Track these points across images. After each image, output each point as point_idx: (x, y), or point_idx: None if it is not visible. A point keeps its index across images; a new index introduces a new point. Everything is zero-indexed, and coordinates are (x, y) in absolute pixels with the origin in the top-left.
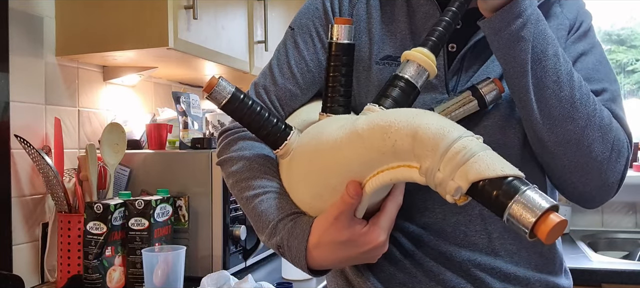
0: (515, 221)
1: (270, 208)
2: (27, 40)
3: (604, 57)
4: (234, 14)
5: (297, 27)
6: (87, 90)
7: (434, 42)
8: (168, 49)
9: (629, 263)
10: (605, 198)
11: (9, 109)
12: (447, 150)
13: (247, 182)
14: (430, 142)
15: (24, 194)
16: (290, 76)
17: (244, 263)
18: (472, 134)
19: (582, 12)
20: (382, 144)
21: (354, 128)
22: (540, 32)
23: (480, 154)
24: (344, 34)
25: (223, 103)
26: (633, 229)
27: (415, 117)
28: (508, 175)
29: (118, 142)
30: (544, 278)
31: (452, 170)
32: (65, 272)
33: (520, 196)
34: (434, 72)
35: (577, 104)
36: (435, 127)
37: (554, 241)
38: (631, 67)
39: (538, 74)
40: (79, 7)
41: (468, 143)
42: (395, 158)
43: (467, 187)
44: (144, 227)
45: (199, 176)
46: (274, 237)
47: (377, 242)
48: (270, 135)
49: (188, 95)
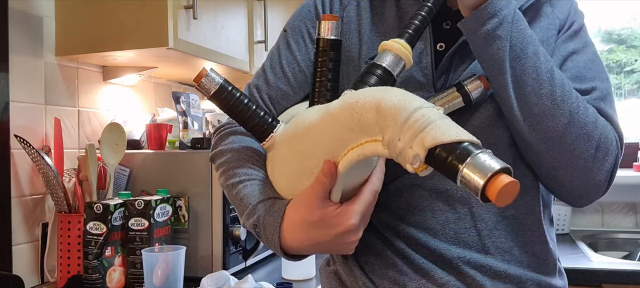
0: (467, 184)
1: (252, 193)
2: (26, 40)
3: (596, 56)
4: (233, 13)
5: (290, 30)
6: (86, 90)
7: (410, 34)
8: (168, 49)
9: (629, 264)
10: (593, 197)
11: (9, 109)
12: (407, 119)
13: (233, 170)
14: (392, 113)
15: (23, 194)
16: (282, 76)
17: (244, 263)
18: (433, 105)
19: (573, 12)
20: (350, 120)
21: (327, 109)
22: (519, 31)
23: (438, 122)
24: (331, 30)
25: (211, 93)
26: (633, 229)
27: (380, 92)
28: (462, 140)
29: (118, 142)
30: (536, 277)
31: (410, 138)
32: (65, 272)
33: (471, 159)
34: (410, 62)
35: (557, 101)
36: (397, 99)
37: (506, 203)
38: (631, 67)
39: (517, 71)
40: (78, 7)
41: (427, 112)
42: (363, 133)
43: (425, 154)
44: (143, 227)
45: (198, 176)
46: (251, 217)
47: (348, 224)
48: (257, 127)
49: (188, 95)
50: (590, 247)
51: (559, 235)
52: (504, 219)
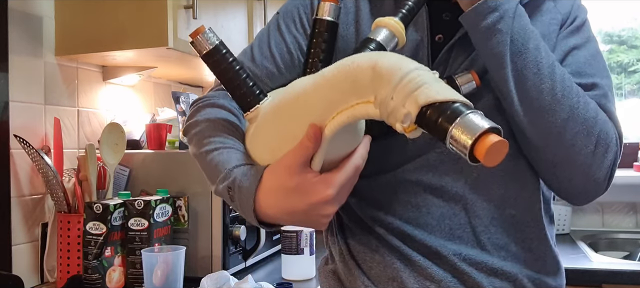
0: (455, 144)
1: (228, 159)
2: (26, 40)
3: (598, 51)
4: (233, 13)
5: (283, 13)
6: (86, 90)
7: (404, 14)
8: (168, 49)
9: (630, 264)
10: (593, 195)
11: (9, 109)
12: (402, 79)
13: (208, 138)
14: (387, 73)
15: (23, 194)
16: (269, 55)
17: (244, 263)
18: (429, 70)
19: (576, 7)
20: (344, 81)
21: (321, 73)
22: (521, 25)
23: (432, 83)
24: (330, 12)
25: (204, 52)
26: (633, 229)
27: (376, 54)
28: (455, 99)
29: (117, 142)
30: (532, 275)
31: (404, 97)
32: (64, 272)
33: (461, 119)
34: (402, 39)
35: (558, 96)
36: (394, 60)
37: (495, 163)
38: (632, 67)
39: (518, 66)
40: (78, 7)
41: (422, 73)
42: (355, 95)
43: (416, 112)
44: (143, 227)
45: (198, 176)
46: (225, 180)
47: (326, 194)
48: (244, 96)
49: (188, 95)
50: (590, 247)
51: (559, 235)
52: (501, 215)
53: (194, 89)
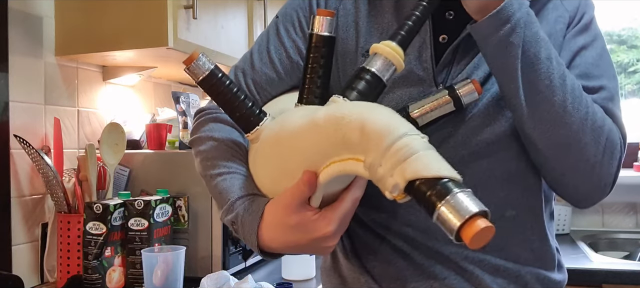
0: (443, 222)
1: (231, 187)
2: (26, 40)
3: (605, 50)
4: (233, 13)
5: (282, 16)
6: (86, 90)
7: (403, 36)
8: (168, 49)
9: (630, 264)
10: (598, 198)
11: (9, 109)
12: (390, 146)
13: (213, 160)
14: (376, 136)
15: (23, 194)
16: (268, 61)
17: (244, 263)
18: (419, 133)
19: (583, 4)
20: (334, 135)
21: (313, 117)
22: (533, 35)
23: (421, 153)
24: (325, 26)
25: (200, 78)
26: (633, 229)
27: (367, 111)
28: (444, 176)
29: (118, 142)
30: (534, 271)
31: (392, 166)
32: (64, 273)
33: (451, 197)
34: (400, 67)
35: (569, 108)
36: (383, 122)
37: (480, 246)
38: (633, 68)
39: (530, 78)
40: (78, 7)
41: (411, 141)
42: (346, 150)
43: (404, 185)
44: (143, 227)
45: (198, 176)
46: (230, 213)
47: (326, 231)
48: (243, 118)
49: (188, 95)
50: (590, 247)
51: (559, 235)
52: (501, 219)
53: (194, 89)
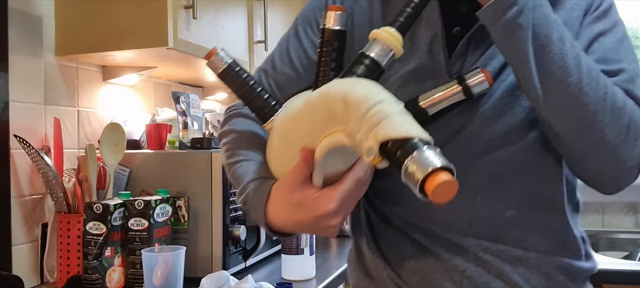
0: (409, 178)
1: (246, 172)
2: (26, 40)
3: (626, 36)
4: (233, 13)
5: (301, 18)
6: (86, 90)
7: (402, 22)
8: (168, 49)
9: (630, 264)
10: (624, 183)
11: (8, 109)
12: (366, 112)
13: (233, 151)
14: (355, 105)
15: (23, 194)
16: (288, 62)
17: (244, 263)
18: (396, 100)
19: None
20: (322, 110)
21: (307, 98)
22: (542, 17)
23: (393, 117)
24: (336, 21)
25: (219, 71)
26: (634, 229)
27: (350, 84)
28: (412, 136)
29: (118, 142)
30: (558, 260)
31: (367, 131)
32: (64, 273)
33: (417, 154)
34: (399, 52)
35: (585, 89)
36: (362, 92)
37: (443, 201)
38: None
39: (542, 60)
40: (78, 6)
41: (386, 107)
42: (333, 123)
43: (377, 147)
44: (143, 227)
45: (198, 176)
46: (242, 194)
47: (327, 209)
48: (260, 109)
49: (188, 95)
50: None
51: None
52: (521, 208)
53: (194, 89)
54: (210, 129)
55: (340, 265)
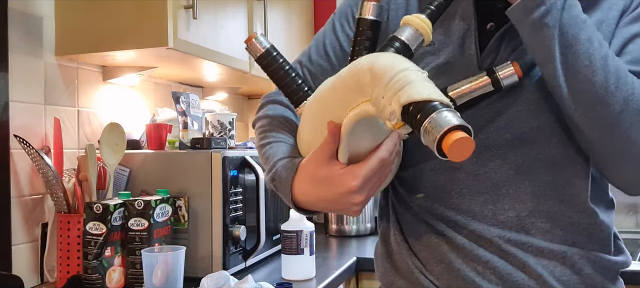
0: (427, 137)
1: (277, 152)
2: (26, 40)
3: None
4: (233, 13)
5: (338, 12)
6: (86, 90)
7: (432, 11)
8: (168, 49)
9: None
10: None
11: (9, 109)
12: (391, 79)
13: (264, 133)
14: (380, 73)
15: (23, 194)
16: (323, 53)
17: (244, 263)
18: (420, 69)
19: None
20: (351, 82)
21: (338, 74)
22: (571, 17)
23: (416, 82)
24: (371, 11)
25: (258, 56)
26: (633, 229)
27: (376, 55)
28: (433, 99)
29: (118, 142)
30: (585, 252)
31: (391, 96)
32: (64, 273)
33: (436, 114)
34: (428, 38)
35: (611, 88)
36: (387, 61)
37: (460, 159)
38: None
39: (568, 59)
40: (78, 7)
41: (409, 74)
42: (360, 94)
43: (400, 111)
44: (143, 227)
45: (198, 176)
46: (270, 172)
47: (351, 185)
48: (293, 94)
49: (188, 95)
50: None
51: None
52: (546, 201)
53: (194, 89)
54: (210, 129)
55: (340, 265)
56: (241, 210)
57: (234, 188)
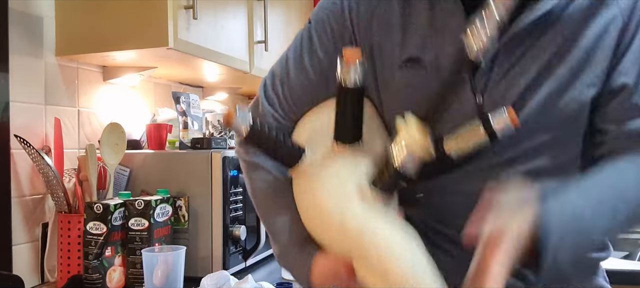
0: None
1: (283, 230)
2: (27, 40)
3: None
4: (233, 13)
5: (314, 21)
6: (87, 90)
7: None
8: (168, 49)
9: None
10: None
11: (9, 109)
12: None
13: (266, 201)
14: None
15: (23, 194)
16: (302, 69)
17: (244, 263)
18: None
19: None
20: (348, 246)
21: (345, 211)
22: (577, 232)
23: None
24: (353, 80)
25: (245, 135)
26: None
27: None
28: None
29: (118, 142)
30: None
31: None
32: (65, 272)
33: None
34: (428, 155)
35: (634, 223)
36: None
37: None
38: None
39: (589, 247)
40: (79, 7)
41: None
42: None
43: None
44: (143, 227)
45: (198, 176)
46: (283, 258)
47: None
48: (285, 157)
49: (188, 95)
50: None
51: None
52: None
53: (194, 89)
54: (211, 129)
55: None
56: (241, 210)
57: (234, 188)
